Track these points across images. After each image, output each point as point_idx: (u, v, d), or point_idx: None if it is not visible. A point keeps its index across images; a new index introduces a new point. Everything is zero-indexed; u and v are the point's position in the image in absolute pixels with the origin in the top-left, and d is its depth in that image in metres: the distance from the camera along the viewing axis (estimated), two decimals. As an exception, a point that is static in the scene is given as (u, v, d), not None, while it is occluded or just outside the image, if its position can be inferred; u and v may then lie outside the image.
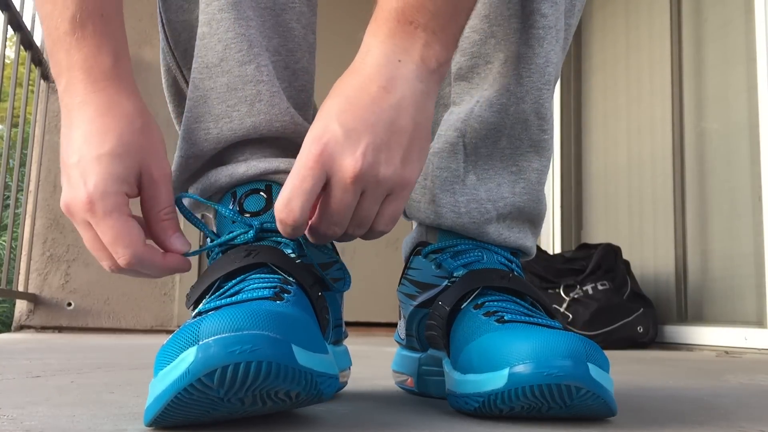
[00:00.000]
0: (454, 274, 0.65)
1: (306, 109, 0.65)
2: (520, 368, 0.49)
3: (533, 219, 0.70)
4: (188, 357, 0.41)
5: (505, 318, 0.58)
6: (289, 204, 0.53)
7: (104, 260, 0.56)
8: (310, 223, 0.56)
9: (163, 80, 0.68)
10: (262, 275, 0.54)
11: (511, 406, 0.51)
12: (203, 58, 0.60)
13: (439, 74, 0.57)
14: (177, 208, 0.59)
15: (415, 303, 0.68)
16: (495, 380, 0.51)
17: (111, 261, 0.56)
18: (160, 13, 0.65)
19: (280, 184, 0.61)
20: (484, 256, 0.66)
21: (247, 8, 0.60)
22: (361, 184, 0.53)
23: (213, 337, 0.41)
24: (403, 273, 0.72)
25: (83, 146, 0.55)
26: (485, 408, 0.52)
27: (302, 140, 0.62)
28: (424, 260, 0.68)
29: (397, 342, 0.76)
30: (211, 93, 0.60)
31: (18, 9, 2.02)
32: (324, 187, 0.54)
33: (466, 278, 0.63)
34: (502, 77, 0.66)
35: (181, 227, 0.59)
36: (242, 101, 0.60)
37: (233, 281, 0.54)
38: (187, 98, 0.62)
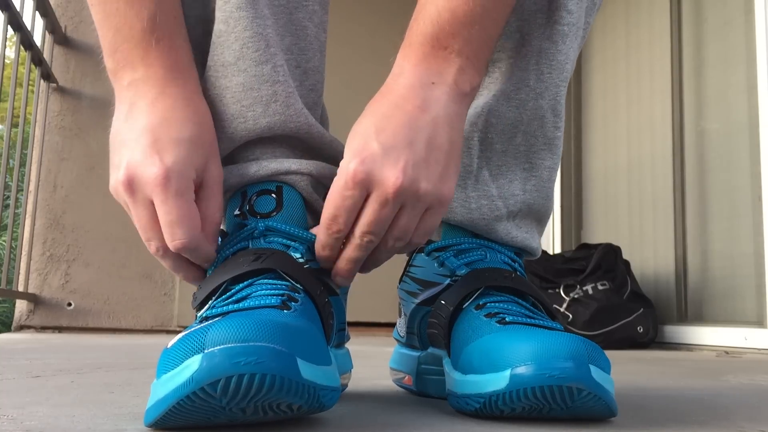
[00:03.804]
0: (457, 273, 0.65)
1: (315, 108, 0.65)
2: (521, 369, 0.49)
3: (541, 217, 0.70)
4: (192, 364, 0.41)
5: (507, 320, 0.58)
6: (335, 220, 0.55)
7: (153, 240, 0.56)
8: (346, 243, 0.57)
9: None
10: (270, 281, 0.54)
11: (512, 407, 0.51)
12: (219, 57, 0.60)
13: (471, 97, 0.58)
14: None
15: (417, 300, 0.68)
16: (496, 381, 0.51)
17: (160, 242, 0.56)
18: None
19: (291, 185, 0.61)
20: (487, 255, 0.66)
21: (263, 7, 0.60)
22: (401, 199, 0.54)
23: (218, 347, 0.41)
24: (404, 270, 0.72)
25: (160, 128, 0.56)
26: (486, 409, 0.52)
27: (313, 140, 0.63)
28: (426, 258, 0.68)
29: (396, 339, 0.76)
30: (225, 92, 0.60)
31: (18, 9, 2.02)
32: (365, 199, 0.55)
33: (469, 277, 0.63)
34: (521, 71, 0.66)
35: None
36: (258, 101, 0.60)
37: (240, 285, 0.54)
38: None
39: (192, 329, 0.45)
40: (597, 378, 0.49)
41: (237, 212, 0.60)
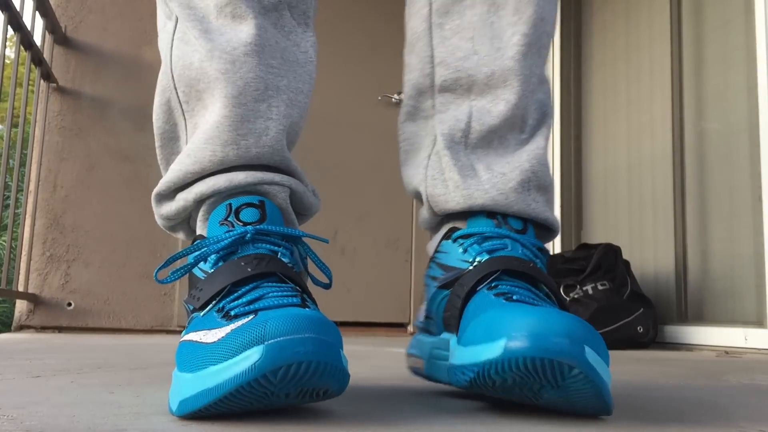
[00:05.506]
0: (477, 259, 0.67)
1: (297, 139, 0.73)
2: (516, 340, 0.50)
3: (545, 187, 0.74)
4: (253, 355, 0.46)
5: (514, 298, 0.60)
6: None
7: None
8: None
9: (156, 99, 0.71)
10: (277, 284, 0.58)
11: (503, 378, 0.52)
12: (223, 89, 0.66)
13: None
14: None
15: (438, 284, 0.71)
16: (491, 350, 0.52)
17: None
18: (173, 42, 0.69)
19: (272, 196, 0.66)
20: (509, 245, 0.68)
21: (270, 57, 0.68)
22: None
23: (279, 338, 0.47)
24: (431, 258, 0.75)
25: None
26: (480, 379, 0.53)
27: (288, 171, 0.69)
28: (452, 244, 0.71)
29: (417, 326, 0.78)
30: (225, 120, 0.66)
31: (18, 9, 2.02)
32: None
33: (488, 263, 0.66)
34: (491, 89, 0.73)
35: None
36: (252, 132, 0.66)
37: (246, 287, 0.57)
38: (201, 120, 0.67)
39: (240, 323, 0.50)
40: (591, 360, 0.50)
41: (222, 220, 0.63)
